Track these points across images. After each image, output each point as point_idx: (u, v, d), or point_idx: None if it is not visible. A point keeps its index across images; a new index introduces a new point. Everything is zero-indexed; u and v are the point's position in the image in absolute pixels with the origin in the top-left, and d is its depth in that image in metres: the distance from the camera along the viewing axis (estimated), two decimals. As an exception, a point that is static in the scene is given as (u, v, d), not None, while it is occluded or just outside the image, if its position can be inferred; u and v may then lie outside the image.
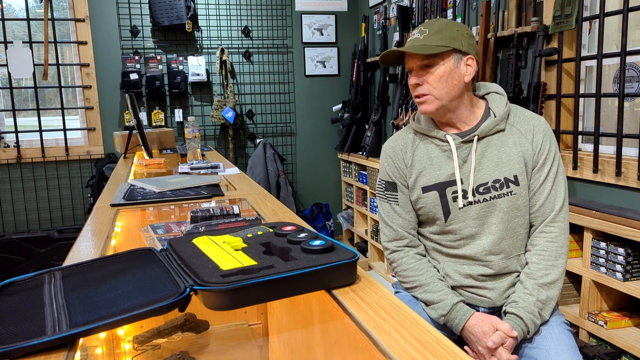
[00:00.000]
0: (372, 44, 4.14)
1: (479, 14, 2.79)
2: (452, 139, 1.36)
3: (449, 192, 1.36)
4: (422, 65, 1.34)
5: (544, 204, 1.34)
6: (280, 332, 1.36)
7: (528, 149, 1.35)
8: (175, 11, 3.72)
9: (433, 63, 1.32)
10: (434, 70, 1.32)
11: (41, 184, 3.80)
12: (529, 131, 1.36)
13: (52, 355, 0.64)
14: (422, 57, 1.32)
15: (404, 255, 1.42)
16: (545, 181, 1.34)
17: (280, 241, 0.94)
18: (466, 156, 1.36)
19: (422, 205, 1.39)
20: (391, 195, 1.45)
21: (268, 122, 4.23)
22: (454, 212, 1.36)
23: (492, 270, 1.36)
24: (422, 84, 1.34)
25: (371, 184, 3.69)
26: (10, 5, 3.71)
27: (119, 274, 0.86)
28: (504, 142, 1.35)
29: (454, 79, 1.33)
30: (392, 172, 1.45)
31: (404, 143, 1.45)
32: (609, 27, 2.15)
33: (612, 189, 2.06)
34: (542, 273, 1.31)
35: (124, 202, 1.56)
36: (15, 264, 3.49)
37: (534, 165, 1.35)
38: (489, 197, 1.34)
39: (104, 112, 3.87)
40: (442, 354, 0.64)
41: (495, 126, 1.35)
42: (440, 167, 1.37)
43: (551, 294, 1.31)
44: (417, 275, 1.39)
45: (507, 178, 1.34)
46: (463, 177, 1.35)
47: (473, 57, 1.35)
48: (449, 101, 1.34)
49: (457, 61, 1.33)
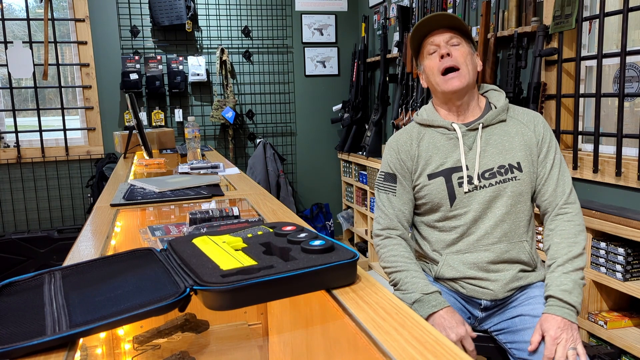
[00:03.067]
0: (372, 44, 4.14)
1: (479, 14, 2.79)
2: (458, 127, 1.41)
3: (454, 178, 1.40)
4: (449, 41, 1.40)
5: (556, 188, 1.39)
6: (280, 332, 1.36)
7: (531, 137, 1.41)
8: (175, 11, 3.72)
9: (461, 42, 1.40)
10: (459, 48, 1.39)
11: (41, 184, 3.80)
12: (530, 122, 1.43)
13: (52, 355, 0.64)
14: (452, 33, 1.40)
15: (397, 243, 1.44)
16: (552, 168, 1.40)
17: (280, 241, 0.94)
18: (471, 143, 1.41)
19: (427, 192, 1.42)
20: (389, 186, 1.47)
21: (268, 122, 4.23)
22: (460, 197, 1.39)
23: (494, 255, 1.37)
24: (451, 56, 1.38)
25: (371, 184, 3.69)
26: (10, 5, 3.71)
27: (119, 274, 0.86)
28: (506, 131, 1.42)
29: (473, 63, 1.42)
30: (394, 164, 1.47)
31: (409, 136, 1.48)
32: (609, 27, 2.15)
33: (612, 189, 2.06)
34: (566, 250, 1.33)
35: (124, 202, 1.56)
36: (15, 264, 3.49)
37: (539, 153, 1.41)
38: (495, 182, 1.38)
39: (104, 112, 3.87)
40: (442, 354, 0.64)
41: (497, 116, 1.42)
42: (446, 155, 1.41)
43: (577, 264, 1.32)
44: (405, 263, 1.40)
45: (511, 164, 1.39)
46: (469, 163, 1.39)
47: (478, 55, 1.46)
48: (472, 81, 1.41)
49: (472, 50, 1.43)
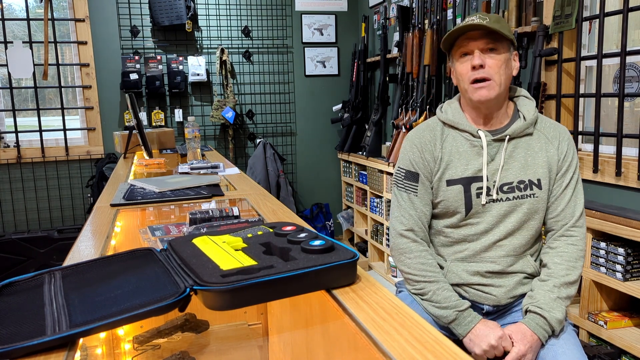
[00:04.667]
0: (372, 44, 4.14)
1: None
2: (484, 136, 1.36)
3: (473, 188, 1.36)
4: (486, 49, 1.31)
5: (565, 209, 1.37)
6: (280, 332, 1.36)
7: (553, 154, 1.37)
8: (175, 11, 3.72)
9: (498, 48, 1.31)
10: (496, 55, 1.31)
11: (41, 184, 3.80)
12: (555, 138, 1.38)
13: (52, 355, 0.64)
14: (488, 40, 1.30)
15: (424, 249, 1.39)
16: (567, 187, 1.37)
17: (280, 241, 0.94)
18: (495, 154, 1.37)
19: (443, 198, 1.38)
20: (410, 185, 1.41)
21: (268, 122, 4.23)
22: (476, 207, 1.36)
23: (499, 267, 1.37)
24: (484, 67, 1.31)
25: (371, 184, 3.69)
26: (10, 5, 3.71)
27: (119, 274, 0.86)
28: (531, 145, 1.37)
29: (509, 69, 1.34)
30: (417, 163, 1.41)
31: (433, 135, 1.41)
32: (609, 27, 2.15)
33: (612, 189, 2.06)
34: (564, 272, 1.32)
35: (124, 202, 1.56)
36: (15, 264, 3.49)
37: (558, 171, 1.37)
38: (512, 197, 1.35)
39: (104, 112, 3.87)
40: (442, 354, 0.64)
41: (526, 129, 1.37)
42: (468, 162, 1.37)
43: (570, 292, 1.32)
44: (435, 273, 1.37)
45: (531, 180, 1.35)
46: (489, 175, 1.36)
47: (517, 54, 1.37)
48: (504, 90, 1.34)
49: (510, 53, 1.35)
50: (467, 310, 1.32)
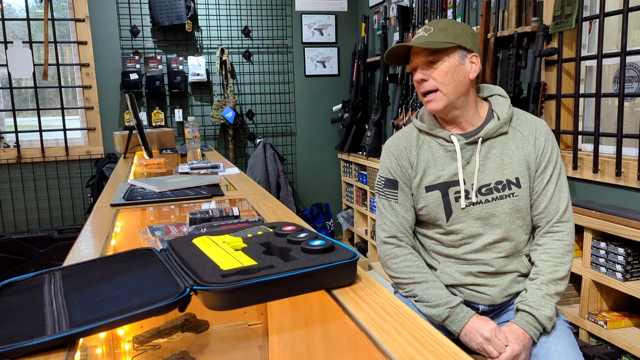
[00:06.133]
0: (372, 44, 4.14)
1: (479, 14, 2.79)
2: (457, 140, 1.37)
3: (451, 192, 1.37)
4: (427, 62, 1.35)
5: (548, 205, 1.36)
6: (280, 332, 1.36)
7: (531, 152, 1.36)
8: (175, 11, 3.72)
9: (438, 59, 1.34)
10: (438, 66, 1.34)
11: (41, 184, 3.80)
12: (532, 134, 1.38)
13: (52, 355, 0.64)
14: (427, 53, 1.34)
15: (409, 253, 1.41)
16: (548, 183, 1.36)
17: (280, 241, 0.94)
18: (469, 157, 1.37)
19: (425, 204, 1.39)
20: (391, 192, 1.44)
21: (268, 122, 4.23)
22: (456, 212, 1.37)
23: (493, 268, 1.37)
24: (427, 80, 1.35)
25: (371, 184, 3.69)
26: (10, 5, 3.71)
27: (119, 274, 0.86)
28: (507, 144, 1.37)
29: (459, 75, 1.35)
30: (394, 170, 1.44)
31: (408, 142, 1.44)
32: (609, 27, 2.15)
33: (612, 189, 2.06)
34: (552, 269, 1.32)
35: (124, 202, 1.56)
36: (15, 264, 3.49)
37: (537, 168, 1.37)
38: (491, 199, 1.35)
39: (104, 112, 3.87)
40: (442, 354, 0.64)
41: (499, 129, 1.37)
42: (443, 167, 1.38)
43: (559, 289, 1.32)
44: (422, 274, 1.38)
45: (509, 180, 1.35)
46: (466, 178, 1.36)
47: (477, 55, 1.37)
48: (456, 98, 1.35)
49: (462, 58, 1.35)
50: (459, 306, 1.32)
